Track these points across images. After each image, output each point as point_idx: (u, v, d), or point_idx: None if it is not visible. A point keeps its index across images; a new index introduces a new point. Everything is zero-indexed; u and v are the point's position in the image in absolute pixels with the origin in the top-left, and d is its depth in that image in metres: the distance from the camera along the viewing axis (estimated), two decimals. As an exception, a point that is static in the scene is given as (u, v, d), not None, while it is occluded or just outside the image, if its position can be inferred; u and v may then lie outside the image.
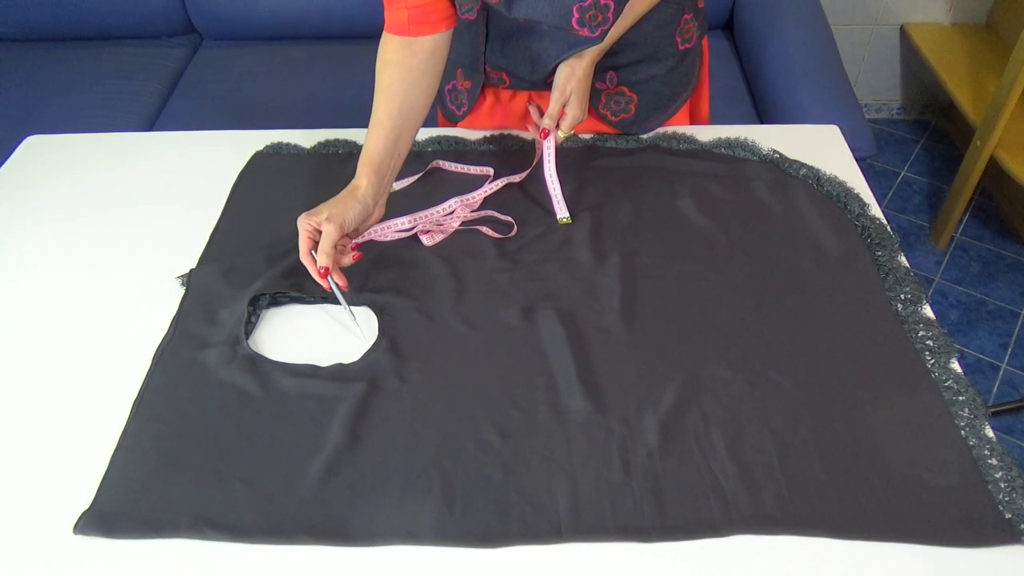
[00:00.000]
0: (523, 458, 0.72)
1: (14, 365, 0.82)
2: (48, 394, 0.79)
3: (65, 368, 0.82)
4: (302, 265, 0.84)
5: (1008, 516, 0.66)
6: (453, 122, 1.13)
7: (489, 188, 0.99)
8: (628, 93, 1.04)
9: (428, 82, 0.91)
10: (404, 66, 0.88)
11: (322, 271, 0.81)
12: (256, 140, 1.11)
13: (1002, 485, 0.68)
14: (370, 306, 0.86)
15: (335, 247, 0.81)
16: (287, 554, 0.66)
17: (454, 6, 0.90)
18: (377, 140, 0.88)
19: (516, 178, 1.00)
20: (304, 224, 0.82)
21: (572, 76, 0.94)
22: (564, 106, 0.95)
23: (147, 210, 1.01)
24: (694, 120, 1.16)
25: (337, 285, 0.82)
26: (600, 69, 0.99)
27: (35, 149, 1.13)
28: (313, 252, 0.81)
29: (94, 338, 0.85)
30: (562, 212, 0.96)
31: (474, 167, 1.04)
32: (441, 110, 1.15)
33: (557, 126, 0.96)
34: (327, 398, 0.77)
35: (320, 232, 0.81)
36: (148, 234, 0.98)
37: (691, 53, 1.05)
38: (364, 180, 0.86)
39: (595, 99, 1.04)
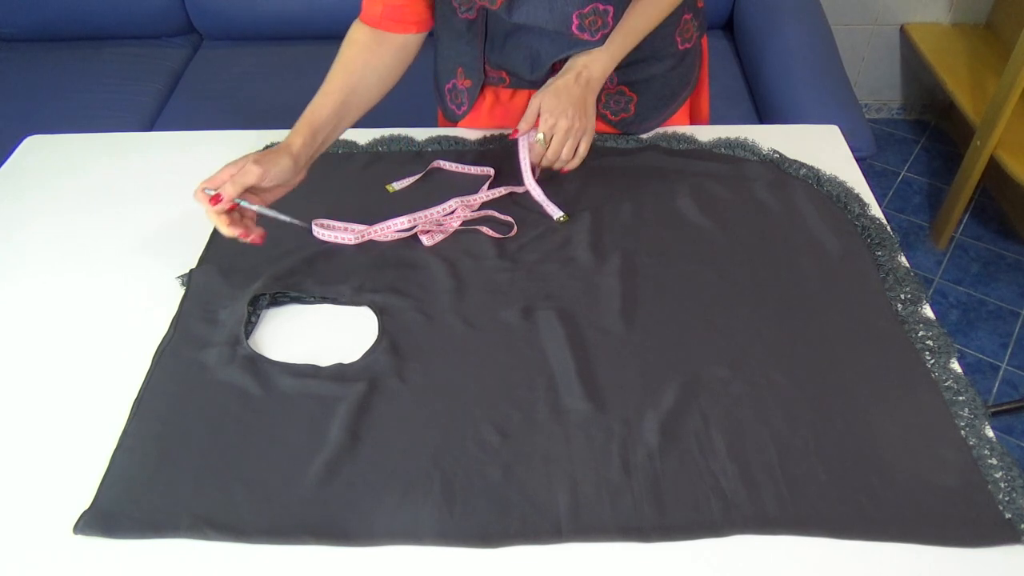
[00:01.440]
0: (523, 458, 0.72)
1: (14, 365, 0.82)
2: (48, 394, 0.79)
3: (65, 368, 0.81)
4: (302, 265, 0.85)
5: (1008, 516, 0.66)
6: (453, 121, 1.13)
7: (491, 194, 0.99)
8: (628, 93, 1.04)
9: (388, 74, 0.90)
10: (368, 50, 0.88)
11: (213, 199, 0.78)
12: (256, 140, 1.11)
13: (1002, 485, 0.68)
14: (370, 306, 0.86)
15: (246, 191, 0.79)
16: (287, 554, 0.66)
17: (431, 11, 0.91)
18: (323, 108, 0.86)
19: (519, 189, 1.00)
20: (226, 167, 0.79)
21: (547, 88, 0.91)
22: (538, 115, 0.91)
23: (147, 210, 1.01)
24: (694, 120, 1.16)
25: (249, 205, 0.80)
26: None
27: (35, 149, 1.13)
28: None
29: (94, 338, 0.85)
30: (556, 213, 0.96)
31: (475, 167, 1.04)
32: (441, 110, 1.15)
33: (549, 145, 0.92)
34: (327, 398, 0.77)
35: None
36: (148, 234, 0.98)
37: (691, 53, 1.05)
38: (299, 139, 0.84)
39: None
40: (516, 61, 0.99)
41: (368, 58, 0.88)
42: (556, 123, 0.89)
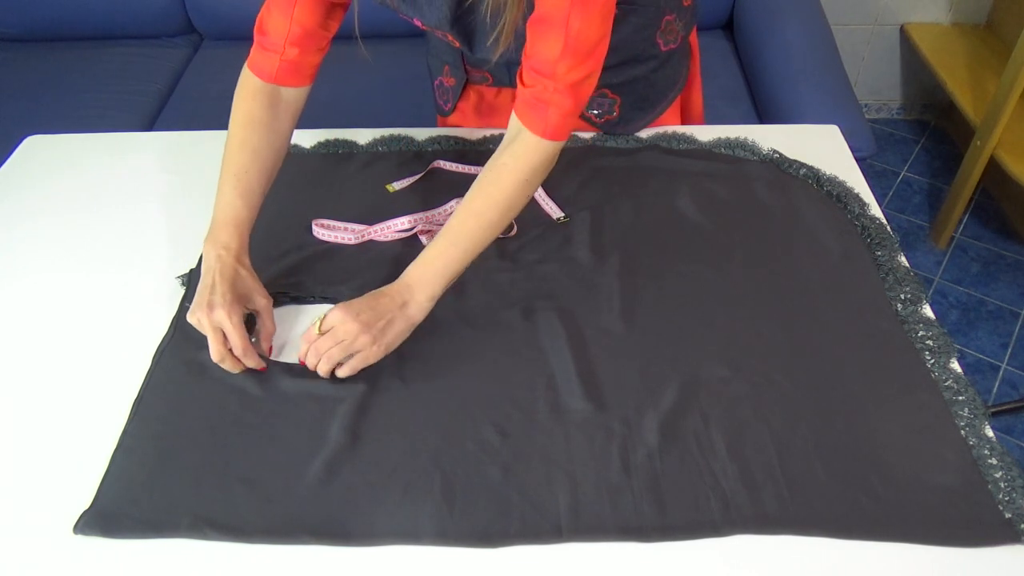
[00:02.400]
0: (523, 458, 0.72)
1: (14, 365, 0.82)
2: (48, 394, 0.79)
3: (65, 368, 0.81)
4: (302, 265, 0.85)
5: (1008, 516, 0.66)
6: (444, 116, 1.13)
7: None
8: (611, 95, 1.03)
9: (286, 138, 0.88)
10: (268, 128, 0.85)
11: (262, 369, 0.78)
12: (256, 140, 1.11)
13: (1002, 485, 0.68)
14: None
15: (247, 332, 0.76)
16: (287, 554, 0.66)
17: (317, 67, 0.88)
18: (236, 198, 0.82)
19: None
20: (206, 323, 0.75)
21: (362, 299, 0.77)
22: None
23: (147, 210, 1.01)
24: (687, 119, 1.16)
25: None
26: None
27: (35, 149, 1.13)
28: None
29: (94, 338, 0.85)
30: (556, 213, 0.96)
31: (475, 167, 1.04)
32: (434, 105, 1.15)
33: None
34: (327, 398, 0.77)
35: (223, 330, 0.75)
36: (148, 234, 0.98)
37: (676, 53, 1.04)
38: (236, 242, 0.79)
39: None
40: (495, 64, 0.99)
41: (271, 138, 0.85)
42: (338, 327, 0.74)
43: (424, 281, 0.78)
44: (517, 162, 0.79)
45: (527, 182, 0.79)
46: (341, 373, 0.76)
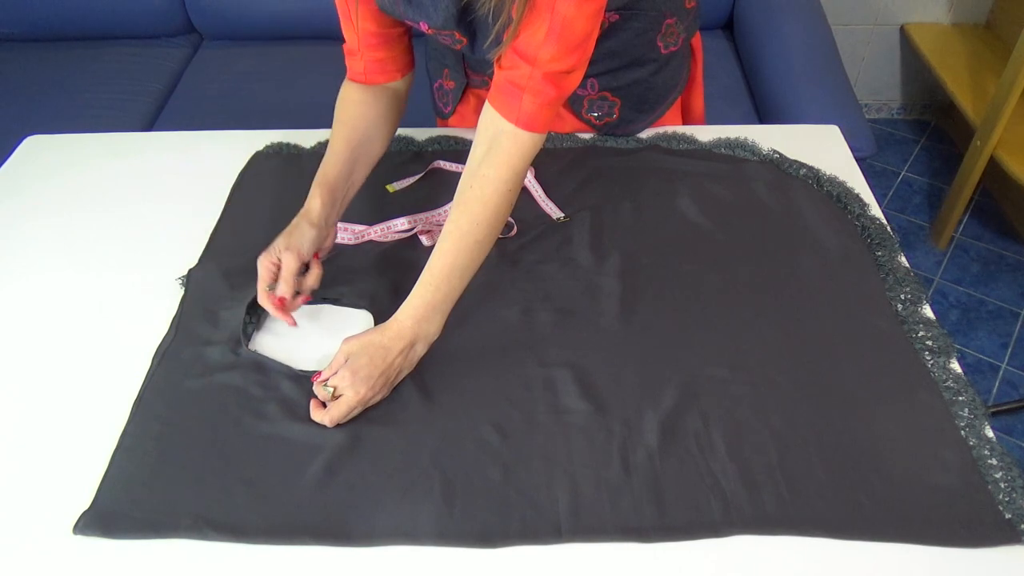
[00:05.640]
0: (523, 458, 0.72)
1: (14, 365, 0.82)
2: (48, 394, 0.79)
3: (65, 368, 0.81)
4: (301, 266, 0.84)
5: (1008, 516, 0.66)
6: (444, 119, 1.13)
7: None
8: (611, 98, 1.03)
9: (386, 122, 0.92)
10: (362, 104, 0.90)
11: (278, 301, 0.80)
12: (256, 140, 1.11)
13: (1002, 485, 0.68)
14: (369, 307, 0.86)
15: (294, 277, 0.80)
16: (287, 554, 0.66)
17: (410, 54, 0.92)
18: (334, 166, 0.87)
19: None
20: (263, 262, 0.81)
21: (365, 342, 0.75)
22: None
23: (147, 210, 1.01)
24: (688, 120, 1.16)
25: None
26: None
27: (35, 149, 1.13)
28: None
29: (94, 338, 0.85)
30: (556, 213, 0.96)
31: (474, 167, 1.04)
32: (433, 107, 1.15)
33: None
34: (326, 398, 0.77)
35: (279, 266, 0.81)
36: (148, 234, 0.98)
37: (676, 56, 1.04)
38: (318, 201, 0.84)
39: (577, 104, 1.04)
40: (493, 68, 0.99)
41: (364, 111, 0.90)
42: (350, 396, 0.73)
43: (428, 317, 0.77)
44: (499, 171, 0.77)
45: (510, 190, 0.78)
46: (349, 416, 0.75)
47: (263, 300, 0.81)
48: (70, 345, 0.84)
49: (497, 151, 0.77)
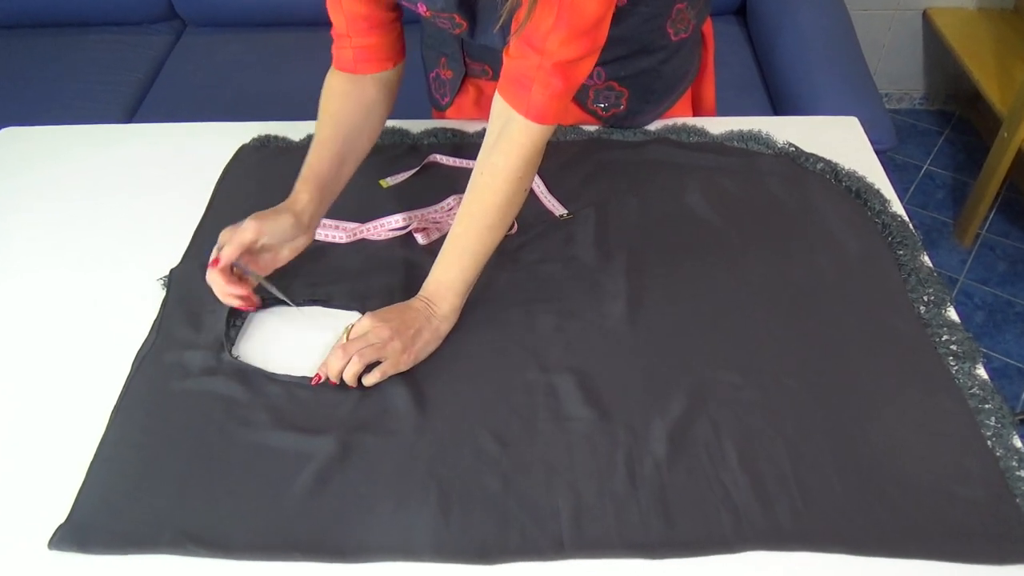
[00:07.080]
0: (523, 468, 0.71)
1: (-13, 370, 0.82)
2: (22, 400, 0.79)
3: (40, 372, 0.81)
4: (290, 266, 0.85)
5: (1036, 531, 0.66)
6: (440, 111, 1.13)
7: None
8: (618, 88, 1.03)
9: (375, 115, 0.92)
10: (349, 96, 0.90)
11: (212, 260, 0.80)
12: (242, 132, 1.11)
13: (1030, 498, 0.68)
14: (361, 309, 0.86)
15: (242, 254, 0.79)
16: (274, 571, 0.66)
17: (401, 42, 0.92)
18: (321, 161, 0.87)
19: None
20: (225, 230, 0.81)
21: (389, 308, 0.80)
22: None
23: (128, 206, 1.01)
24: (698, 111, 1.16)
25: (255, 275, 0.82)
26: None
27: (12, 141, 1.13)
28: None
29: (71, 340, 0.85)
30: (559, 210, 0.96)
31: (473, 161, 1.03)
32: (429, 99, 1.15)
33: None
34: (316, 405, 0.77)
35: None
36: (129, 231, 0.98)
37: (687, 43, 1.04)
38: (305, 195, 0.84)
39: (583, 94, 1.04)
40: (495, 56, 0.99)
41: (350, 104, 0.90)
42: (370, 332, 0.77)
43: (441, 294, 0.81)
44: (508, 160, 0.79)
45: (521, 179, 0.80)
46: (369, 380, 0.77)
47: (210, 273, 0.80)
48: (46, 348, 0.84)
49: (507, 140, 0.79)
